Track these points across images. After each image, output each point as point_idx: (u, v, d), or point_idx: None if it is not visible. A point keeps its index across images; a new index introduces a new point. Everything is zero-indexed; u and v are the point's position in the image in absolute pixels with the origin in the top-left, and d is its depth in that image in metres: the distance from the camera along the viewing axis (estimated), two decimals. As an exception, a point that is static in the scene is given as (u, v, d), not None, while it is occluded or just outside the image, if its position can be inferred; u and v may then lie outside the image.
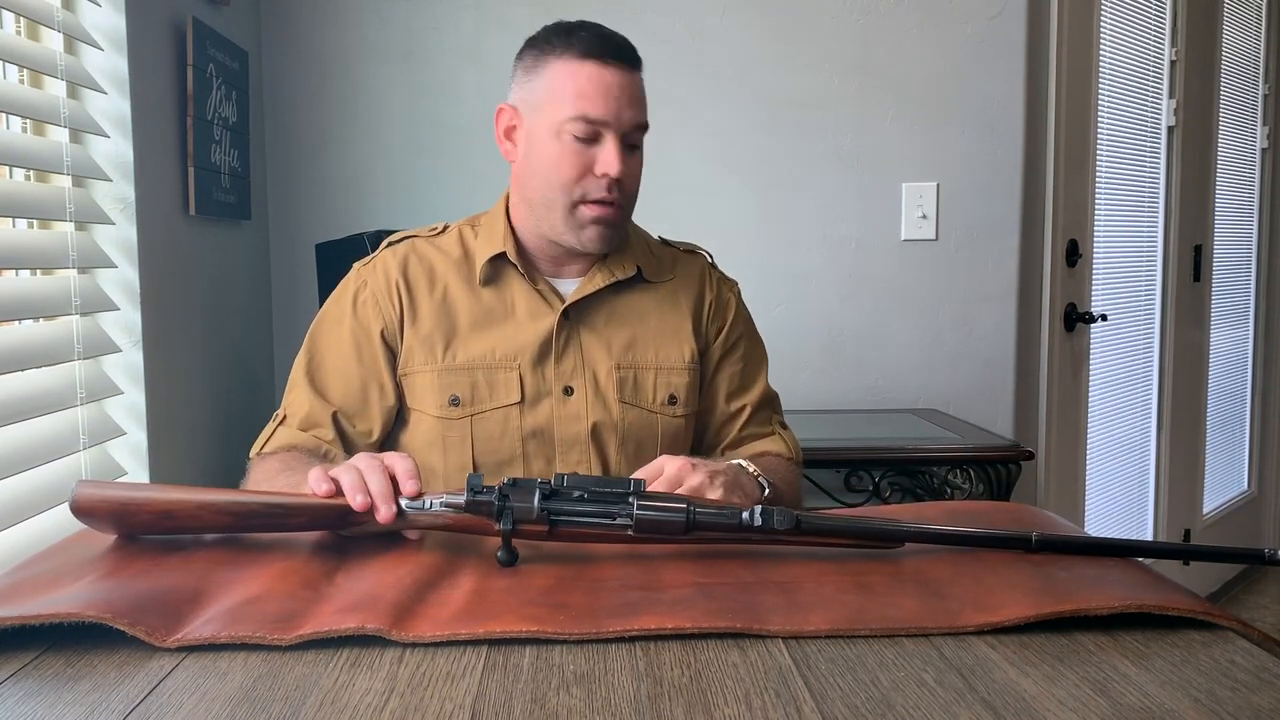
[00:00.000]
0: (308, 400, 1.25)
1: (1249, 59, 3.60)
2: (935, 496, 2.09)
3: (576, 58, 1.20)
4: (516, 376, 1.25)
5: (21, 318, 1.44)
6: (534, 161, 1.24)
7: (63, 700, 0.64)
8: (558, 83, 1.20)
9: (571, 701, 0.63)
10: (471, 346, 1.26)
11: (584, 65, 1.19)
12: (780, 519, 0.87)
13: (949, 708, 0.62)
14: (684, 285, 1.34)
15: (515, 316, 1.27)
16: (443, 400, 1.24)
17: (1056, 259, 2.61)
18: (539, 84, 1.23)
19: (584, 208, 1.22)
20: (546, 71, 1.22)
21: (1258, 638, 0.73)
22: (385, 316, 1.27)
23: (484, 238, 1.30)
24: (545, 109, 1.22)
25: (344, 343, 1.27)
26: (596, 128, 1.19)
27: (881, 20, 2.34)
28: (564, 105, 1.19)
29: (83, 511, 0.88)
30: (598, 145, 1.20)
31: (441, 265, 1.29)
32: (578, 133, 1.19)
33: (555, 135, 1.21)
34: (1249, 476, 3.88)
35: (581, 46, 1.20)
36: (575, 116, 1.19)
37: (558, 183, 1.21)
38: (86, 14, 1.56)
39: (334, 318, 1.30)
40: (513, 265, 1.28)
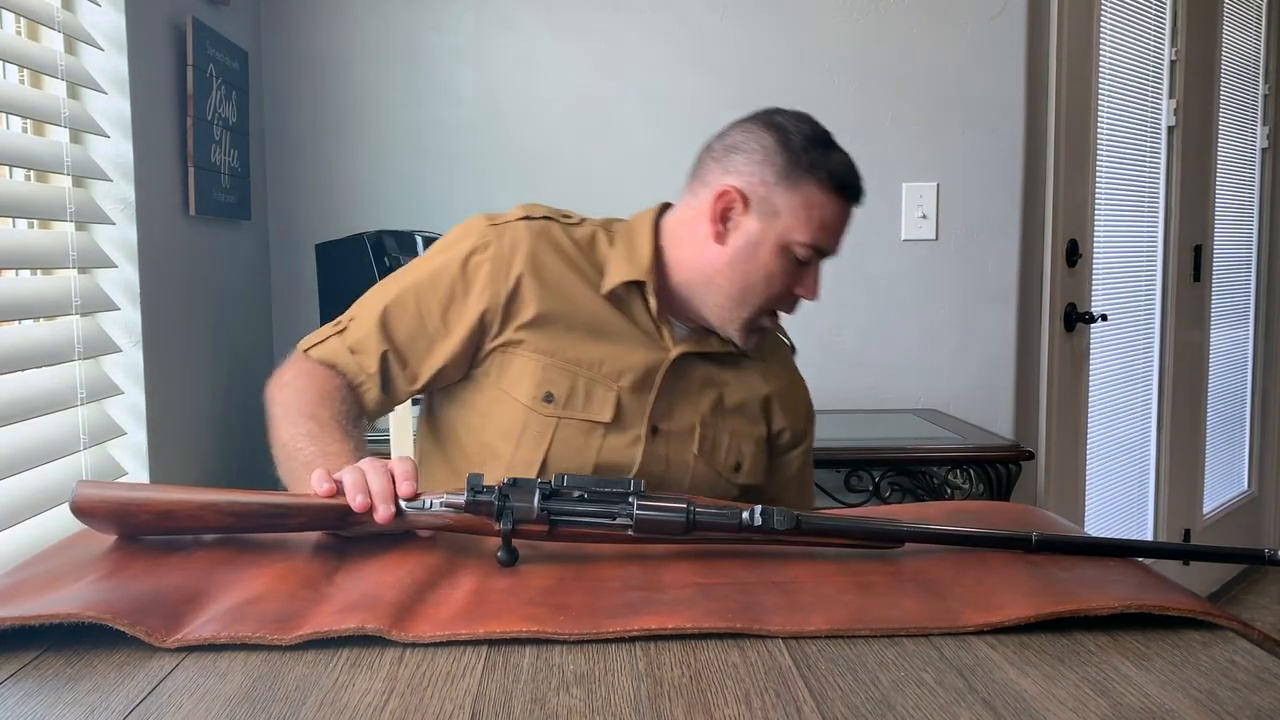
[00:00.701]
0: (370, 327, 1.22)
1: (1249, 59, 3.60)
2: (935, 496, 2.09)
3: (832, 190, 1.20)
4: (614, 397, 1.23)
5: (21, 318, 1.44)
6: (746, 261, 1.22)
7: (63, 700, 0.64)
8: (807, 206, 1.20)
9: (571, 702, 0.63)
10: (583, 350, 1.23)
11: (834, 199, 1.21)
12: (780, 519, 0.87)
13: (949, 708, 0.62)
14: (772, 371, 1.35)
15: (631, 338, 1.25)
16: (537, 392, 1.21)
17: (1056, 259, 2.61)
18: (788, 198, 1.20)
19: (765, 317, 1.25)
20: (800, 190, 1.20)
21: (1258, 638, 0.73)
22: (495, 286, 1.22)
23: (622, 254, 1.27)
24: (784, 221, 1.20)
25: (436, 290, 1.23)
26: (816, 255, 1.23)
27: (881, 20, 2.34)
28: (804, 229, 1.20)
29: (83, 512, 0.88)
30: (806, 267, 1.23)
31: (572, 257, 1.26)
32: (801, 256, 1.22)
33: (781, 250, 1.21)
34: (1249, 476, 3.88)
35: (838, 180, 1.21)
36: (809, 244, 1.21)
37: (762, 291, 1.23)
38: (86, 14, 1.56)
39: (440, 263, 1.25)
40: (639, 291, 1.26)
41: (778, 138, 1.22)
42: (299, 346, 1.26)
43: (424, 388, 1.26)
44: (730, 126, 1.27)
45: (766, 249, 1.21)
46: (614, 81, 2.33)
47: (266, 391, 1.20)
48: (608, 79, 2.32)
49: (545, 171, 2.32)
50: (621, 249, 1.28)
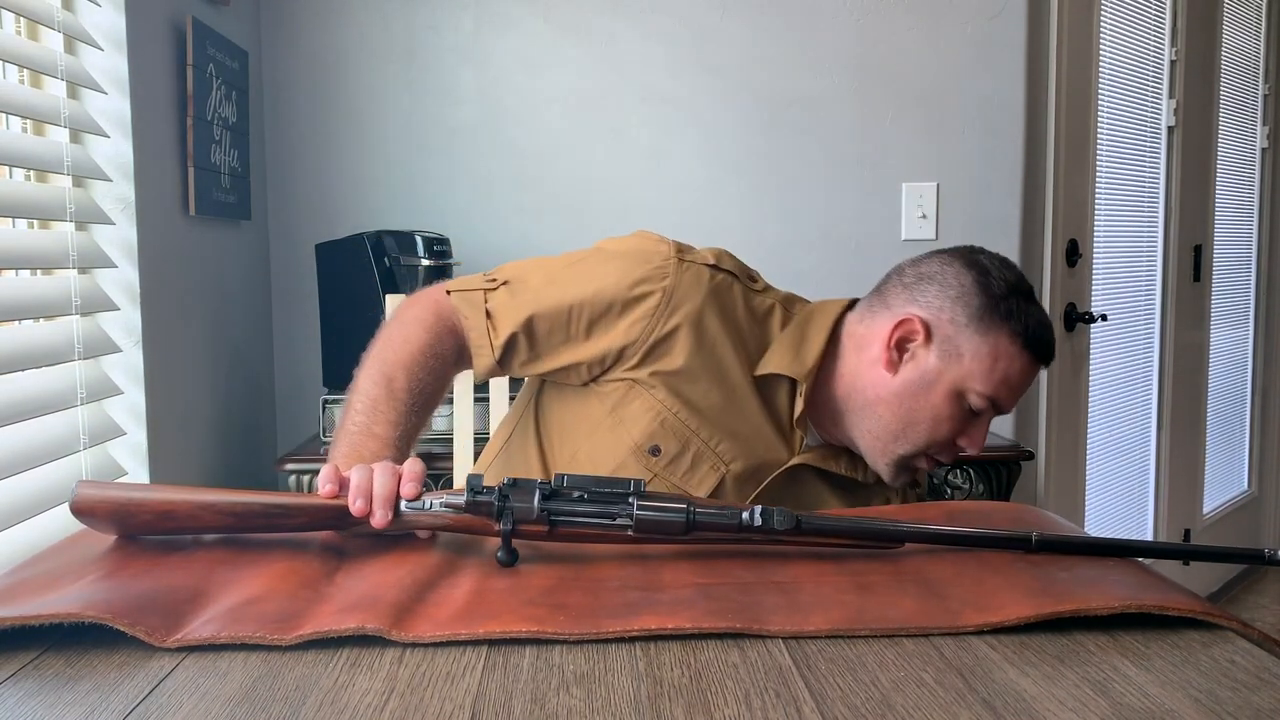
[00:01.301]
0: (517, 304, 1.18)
1: (1249, 59, 3.60)
2: (935, 496, 2.09)
3: (1024, 344, 1.14)
4: (717, 478, 1.18)
5: (21, 318, 1.44)
6: (915, 397, 1.16)
7: (63, 700, 0.64)
8: (994, 356, 1.14)
9: (571, 702, 0.63)
10: (709, 419, 1.18)
11: (1024, 355, 1.14)
12: (780, 519, 0.87)
13: (949, 708, 0.62)
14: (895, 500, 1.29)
15: (761, 428, 1.20)
16: (645, 441, 1.17)
17: (1056, 259, 2.61)
18: (976, 342, 1.14)
19: (921, 459, 1.18)
20: (990, 338, 1.14)
21: (1258, 638, 0.73)
22: (650, 324, 1.17)
23: (790, 341, 1.21)
24: (967, 366, 1.14)
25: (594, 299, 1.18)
26: (991, 409, 1.17)
27: (881, 20, 2.34)
28: (986, 379, 1.14)
29: (83, 512, 0.88)
30: (976, 418, 1.17)
31: (740, 325, 1.21)
32: (975, 406, 1.15)
33: (955, 395, 1.15)
34: (1249, 476, 3.88)
35: (1033, 335, 1.14)
36: (989, 395, 1.14)
37: (928, 435, 1.16)
38: (86, 14, 1.56)
39: (611, 271, 1.19)
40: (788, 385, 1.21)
41: (978, 278, 1.16)
42: (442, 285, 1.22)
43: (540, 374, 1.24)
44: (929, 255, 1.23)
45: (941, 391, 1.15)
46: (614, 81, 2.33)
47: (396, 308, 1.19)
48: (608, 79, 2.32)
49: (545, 171, 2.32)
50: (791, 337, 1.22)
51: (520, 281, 1.21)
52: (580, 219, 2.30)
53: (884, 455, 1.19)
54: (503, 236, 2.28)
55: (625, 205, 2.32)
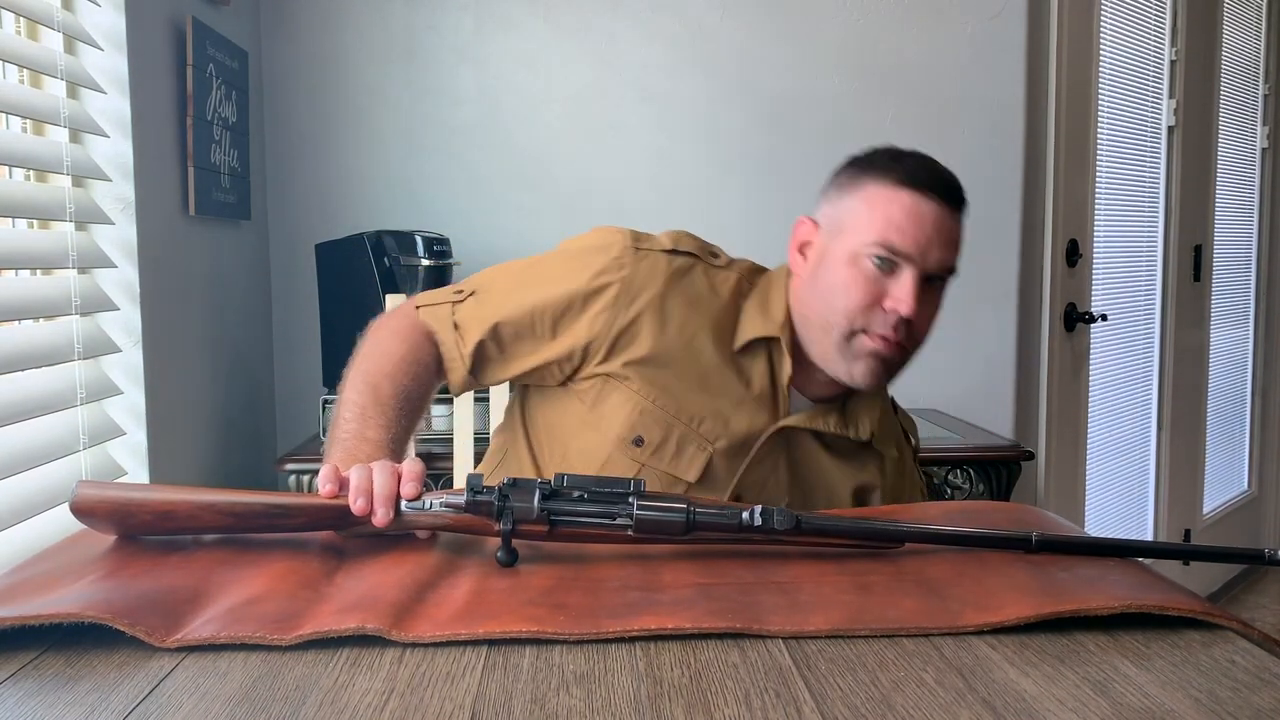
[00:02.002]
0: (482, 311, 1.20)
1: (1249, 59, 3.60)
2: (935, 496, 2.09)
3: (895, 183, 1.12)
4: (705, 458, 1.17)
5: (21, 318, 1.44)
6: (821, 281, 1.15)
7: (63, 700, 0.64)
8: (869, 206, 1.12)
9: (571, 701, 0.63)
10: (686, 401, 1.17)
11: (900, 192, 1.11)
12: (780, 519, 0.87)
13: (949, 708, 0.62)
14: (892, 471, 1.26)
15: (741, 400, 1.18)
16: (628, 433, 1.17)
17: (1056, 259, 2.61)
18: (849, 204, 1.15)
19: (863, 338, 1.13)
20: (861, 193, 1.14)
21: (1258, 638, 0.73)
22: (612, 314, 1.17)
23: (757, 307, 1.21)
24: (849, 232, 1.13)
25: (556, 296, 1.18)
26: (898, 259, 1.11)
27: (881, 20, 2.34)
28: (870, 230, 1.11)
29: (83, 512, 0.88)
30: (894, 278, 1.11)
31: (705, 303, 1.20)
32: (876, 257, 1.11)
33: (852, 260, 1.12)
34: (1249, 476, 3.88)
35: (904, 173, 1.12)
36: (878, 242, 1.11)
37: (841, 307, 1.13)
38: (86, 14, 1.56)
39: (571, 268, 1.20)
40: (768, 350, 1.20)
41: (846, 162, 1.18)
42: (413, 299, 1.24)
43: (513, 380, 1.24)
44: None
45: (837, 261, 1.14)
46: (614, 81, 2.33)
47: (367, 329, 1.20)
48: (608, 79, 2.33)
49: (545, 171, 2.32)
50: (757, 303, 1.21)
51: (485, 290, 1.22)
52: (580, 219, 2.29)
53: (833, 353, 1.15)
54: (503, 236, 2.28)
55: (625, 205, 2.32)
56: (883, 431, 1.25)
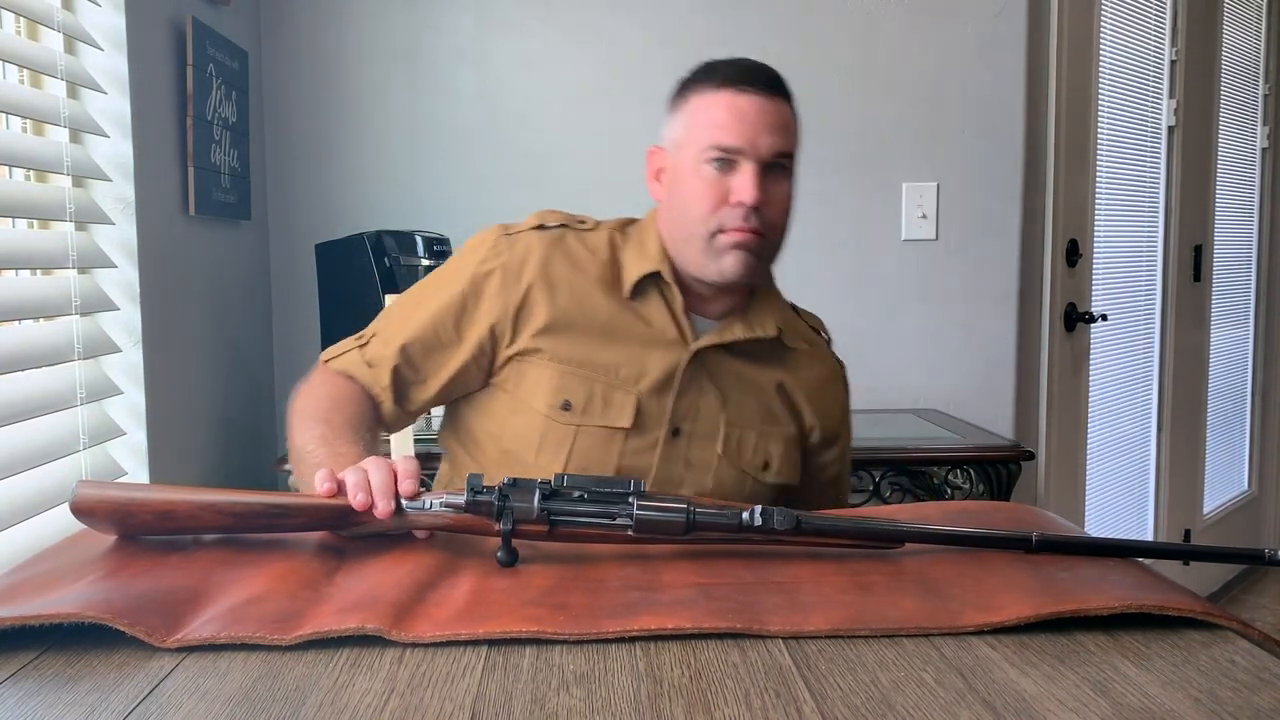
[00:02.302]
0: (387, 339, 1.23)
1: (1249, 59, 3.60)
2: (935, 496, 2.09)
3: (714, 88, 1.19)
4: (634, 401, 1.21)
5: (21, 318, 1.44)
6: (675, 198, 1.23)
7: (63, 700, 0.64)
8: (697, 116, 1.20)
9: (571, 701, 0.63)
10: (598, 355, 1.22)
11: (720, 94, 1.18)
12: (780, 519, 0.87)
13: (949, 708, 0.62)
14: (808, 362, 1.32)
15: (647, 341, 1.23)
16: (555, 400, 1.20)
17: (1056, 259, 2.61)
18: (681, 120, 1.22)
19: (721, 236, 1.19)
20: (687, 107, 1.21)
21: (1258, 638, 0.73)
22: (504, 301, 1.22)
23: (635, 251, 1.27)
24: (686, 145, 1.21)
25: (449, 301, 1.23)
26: (732, 156, 1.17)
27: (881, 20, 2.34)
28: (701, 136, 1.18)
29: (83, 511, 0.88)
30: (734, 174, 1.18)
31: (586, 264, 1.26)
32: (714, 159, 1.17)
33: (695, 169, 1.19)
34: (1249, 476, 3.88)
35: (719, 77, 1.19)
36: (710, 145, 1.17)
37: (696, 215, 1.19)
38: (86, 14, 1.56)
39: (453, 272, 1.26)
40: (659, 288, 1.25)
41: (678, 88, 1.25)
42: (322, 356, 1.27)
43: (439, 398, 1.26)
44: None
45: (682, 176, 1.21)
46: (614, 81, 2.33)
47: (289, 401, 1.21)
48: (608, 79, 2.32)
49: (545, 171, 2.32)
50: (634, 247, 1.28)
51: (385, 325, 1.26)
52: (580, 219, 2.30)
53: (700, 258, 1.21)
54: (503, 236, 2.28)
55: (625, 205, 2.30)
56: (789, 328, 1.32)
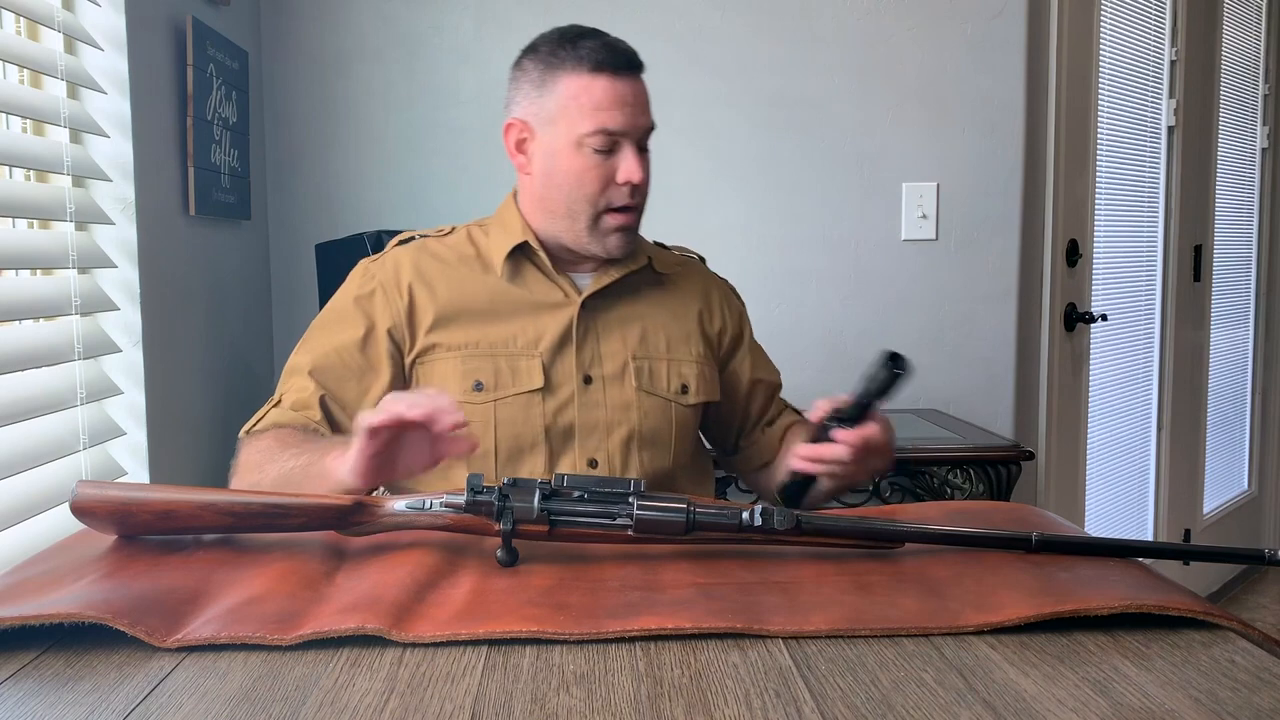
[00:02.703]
0: (302, 384, 1.26)
1: (1249, 59, 3.60)
2: (935, 496, 2.09)
3: (589, 72, 1.22)
4: (539, 364, 1.26)
5: (21, 318, 1.44)
6: (555, 175, 1.26)
7: (63, 700, 0.64)
8: (572, 98, 1.23)
9: (571, 701, 0.63)
10: (493, 333, 1.27)
11: (597, 80, 1.22)
12: (780, 519, 0.87)
13: (949, 708, 0.62)
14: (687, 283, 1.39)
15: (534, 307, 1.29)
16: (466, 385, 1.25)
17: (1056, 259, 2.61)
18: (552, 99, 1.24)
19: (608, 216, 1.26)
20: (559, 86, 1.24)
21: (1258, 638, 0.73)
22: (394, 309, 1.28)
23: (498, 235, 1.32)
24: (562, 124, 1.24)
25: (346, 332, 1.28)
26: (615, 138, 1.23)
27: (881, 20, 2.34)
28: (582, 120, 1.22)
29: (83, 511, 0.88)
30: (616, 155, 1.24)
31: (454, 260, 1.32)
32: (598, 145, 1.23)
33: (576, 149, 1.23)
34: (1249, 476, 3.88)
35: (592, 60, 1.22)
36: (595, 131, 1.22)
37: (583, 195, 1.25)
38: (86, 14, 1.56)
39: (338, 310, 1.31)
40: (529, 258, 1.31)
41: (527, 55, 1.28)
42: (240, 434, 1.26)
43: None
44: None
45: (561, 154, 1.24)
46: (614, 81, 2.32)
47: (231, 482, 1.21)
48: (608, 79, 2.32)
49: (545, 171, 2.32)
50: (496, 231, 1.34)
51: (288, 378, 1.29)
52: (580, 219, 2.30)
53: (585, 235, 1.27)
54: (503, 236, 2.28)
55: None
56: (659, 258, 1.38)
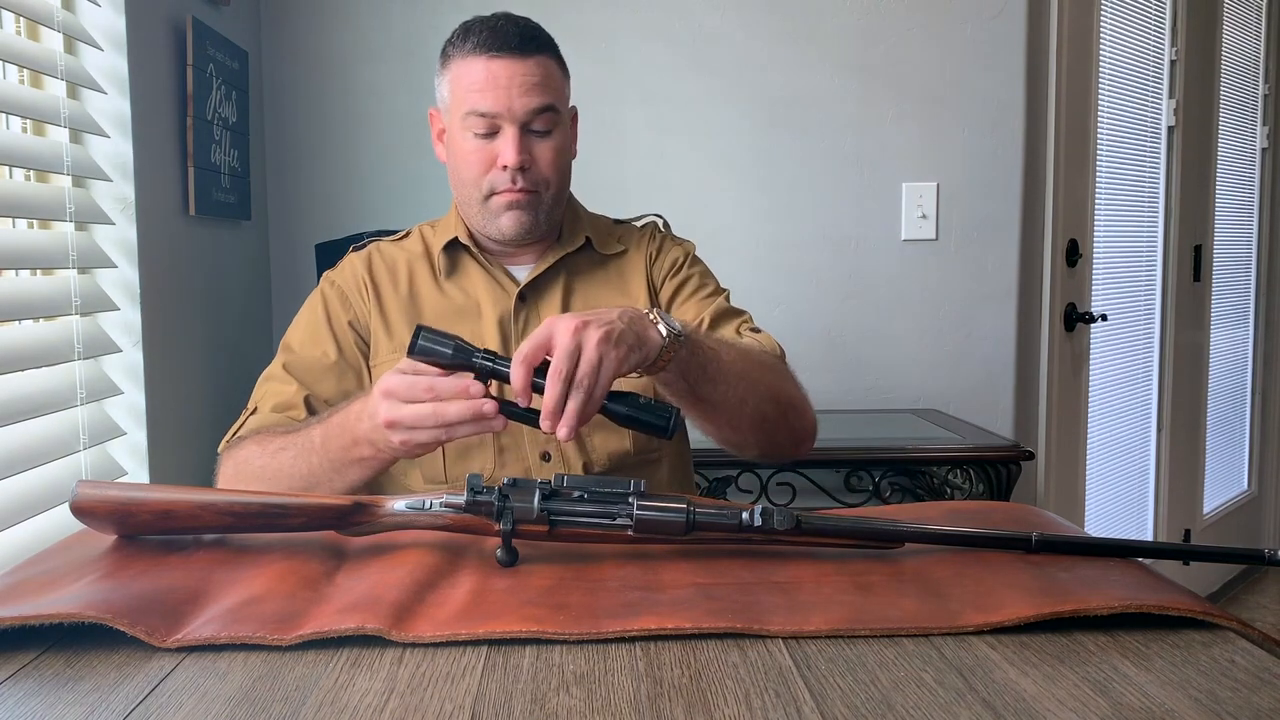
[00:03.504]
0: (280, 388, 1.26)
1: (1249, 59, 3.60)
2: (935, 496, 2.09)
3: (468, 54, 1.22)
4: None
5: (21, 318, 1.44)
6: (453, 161, 1.27)
7: (63, 700, 0.64)
8: (456, 81, 1.23)
9: (571, 702, 0.63)
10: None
11: (475, 60, 1.21)
12: (780, 519, 0.87)
13: (949, 708, 0.62)
14: (634, 250, 1.37)
15: (477, 306, 1.29)
16: None
17: (1056, 259, 2.61)
18: (445, 85, 1.26)
19: (495, 198, 1.25)
20: (448, 72, 1.25)
21: (1258, 638, 0.73)
22: (355, 310, 1.30)
23: (439, 232, 1.34)
24: (452, 109, 1.25)
25: (318, 335, 1.29)
26: (492, 120, 1.21)
27: (881, 20, 2.34)
28: (462, 103, 1.22)
29: (83, 511, 0.88)
30: (499, 137, 1.22)
31: (404, 263, 1.33)
32: (476, 128, 1.22)
33: (461, 134, 1.24)
34: (1249, 476, 3.88)
35: (473, 43, 1.22)
36: (469, 112, 1.21)
37: (469, 179, 1.25)
38: (86, 14, 1.56)
39: (306, 318, 1.32)
40: (468, 252, 1.31)
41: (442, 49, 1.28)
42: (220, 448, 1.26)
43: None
44: None
45: (455, 138, 1.25)
46: (614, 81, 2.33)
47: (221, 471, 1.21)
48: (608, 79, 2.32)
49: (545, 171, 2.31)
50: (440, 229, 1.34)
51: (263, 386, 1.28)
52: (580, 219, 2.30)
53: (479, 219, 1.27)
54: (503, 236, 2.28)
55: (625, 205, 2.31)
56: (601, 236, 1.37)
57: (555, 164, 1.27)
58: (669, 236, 1.42)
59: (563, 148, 1.29)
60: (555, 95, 1.26)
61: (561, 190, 1.30)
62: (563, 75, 1.30)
